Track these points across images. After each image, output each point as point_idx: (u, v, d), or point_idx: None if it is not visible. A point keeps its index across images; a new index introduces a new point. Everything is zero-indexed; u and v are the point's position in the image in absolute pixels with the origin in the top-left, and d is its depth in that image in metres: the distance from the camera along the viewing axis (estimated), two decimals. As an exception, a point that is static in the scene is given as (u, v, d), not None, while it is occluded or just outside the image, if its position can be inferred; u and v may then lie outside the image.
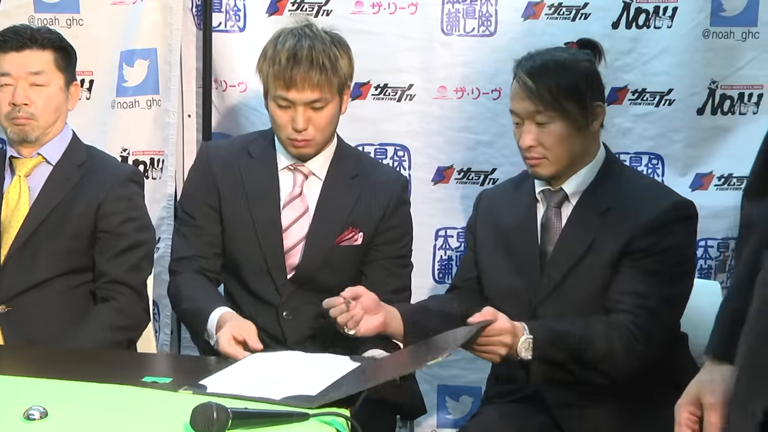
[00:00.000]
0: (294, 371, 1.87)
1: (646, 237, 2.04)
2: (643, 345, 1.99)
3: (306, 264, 2.32)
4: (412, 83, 2.93)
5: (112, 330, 2.28)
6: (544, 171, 2.12)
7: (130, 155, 3.01)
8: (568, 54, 2.14)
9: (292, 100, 2.23)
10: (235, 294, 2.39)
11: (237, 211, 2.34)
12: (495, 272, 2.21)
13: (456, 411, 3.02)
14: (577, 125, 2.09)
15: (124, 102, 2.99)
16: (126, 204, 2.39)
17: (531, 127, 2.10)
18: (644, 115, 2.87)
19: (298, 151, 2.31)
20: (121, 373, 1.86)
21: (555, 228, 2.15)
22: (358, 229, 2.34)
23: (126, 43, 2.98)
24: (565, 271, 2.10)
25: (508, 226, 2.21)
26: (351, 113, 2.84)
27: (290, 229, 2.33)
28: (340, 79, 2.26)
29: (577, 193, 2.15)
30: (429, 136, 2.95)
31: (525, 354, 1.93)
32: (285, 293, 2.31)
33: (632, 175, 2.24)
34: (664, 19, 2.82)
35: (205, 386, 1.76)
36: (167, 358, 2.51)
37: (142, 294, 2.38)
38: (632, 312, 2.01)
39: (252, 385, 1.77)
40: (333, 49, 2.25)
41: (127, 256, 2.36)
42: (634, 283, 2.03)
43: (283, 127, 2.27)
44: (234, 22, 2.99)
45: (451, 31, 2.91)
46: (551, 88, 2.06)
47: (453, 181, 2.94)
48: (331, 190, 2.34)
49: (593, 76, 2.13)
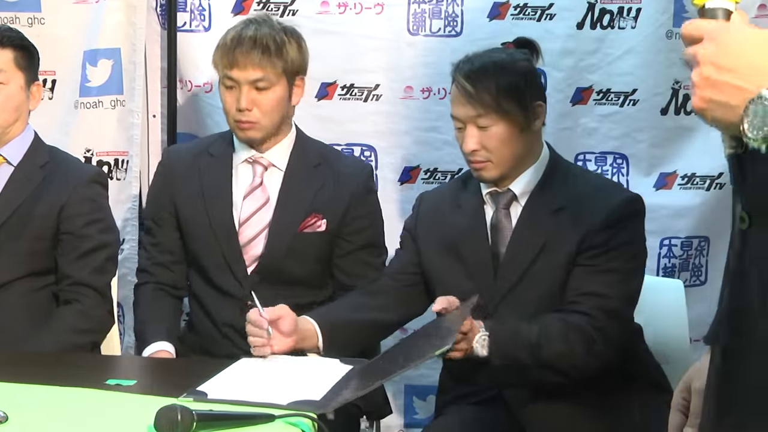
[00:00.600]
0: (291, 375, 1.87)
1: (600, 234, 2.05)
2: (601, 345, 2.00)
3: (269, 253, 2.34)
4: (379, 83, 2.94)
5: (76, 333, 2.27)
6: (489, 174, 2.11)
7: (93, 156, 2.99)
8: (506, 54, 2.14)
9: (236, 78, 2.28)
10: (199, 289, 2.41)
11: (194, 210, 2.38)
12: (445, 277, 2.18)
13: (423, 411, 3.02)
14: (519, 126, 2.08)
15: (87, 102, 2.97)
16: (89, 205, 2.37)
17: (473, 130, 2.08)
18: (609, 115, 2.90)
19: (244, 135, 2.33)
20: (84, 376, 1.85)
21: (506, 229, 2.14)
22: (321, 216, 2.35)
23: (89, 43, 2.95)
24: (520, 273, 2.09)
25: (456, 229, 2.18)
26: (317, 113, 2.88)
27: (250, 221, 2.36)
28: (286, 63, 2.30)
29: (525, 193, 2.14)
30: (396, 136, 2.96)
31: (481, 351, 1.93)
32: (248, 285, 2.32)
33: (580, 173, 2.25)
34: (628, 19, 2.86)
35: (206, 393, 1.74)
36: (132, 361, 2.48)
37: (106, 296, 2.36)
38: (589, 313, 2.01)
39: (254, 390, 1.75)
40: (281, 34, 2.31)
41: (91, 257, 2.34)
42: (591, 282, 2.04)
43: (230, 108, 2.32)
44: (199, 21, 2.98)
45: (417, 32, 2.92)
46: (491, 90, 2.05)
47: (420, 181, 2.95)
48: (292, 180, 2.37)
49: (532, 76, 2.13)
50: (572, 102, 2.91)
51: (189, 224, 2.39)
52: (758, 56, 1.01)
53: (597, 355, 2.00)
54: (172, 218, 2.42)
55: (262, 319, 1.98)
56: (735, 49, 1.02)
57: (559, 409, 2.04)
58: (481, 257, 2.14)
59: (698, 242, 2.94)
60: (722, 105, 1.02)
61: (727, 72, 1.02)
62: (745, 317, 1.16)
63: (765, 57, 1.01)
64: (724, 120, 1.03)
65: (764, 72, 1.00)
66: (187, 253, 2.42)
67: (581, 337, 1.99)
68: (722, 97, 1.02)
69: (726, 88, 1.02)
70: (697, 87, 1.04)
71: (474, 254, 2.15)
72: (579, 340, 1.99)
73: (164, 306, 2.40)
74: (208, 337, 2.39)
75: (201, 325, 2.41)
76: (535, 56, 2.18)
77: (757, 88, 1.00)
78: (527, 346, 1.97)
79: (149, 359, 2.23)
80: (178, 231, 2.42)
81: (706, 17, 1.09)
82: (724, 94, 1.02)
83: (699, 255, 2.95)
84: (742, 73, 1.01)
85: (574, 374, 2.00)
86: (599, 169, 2.93)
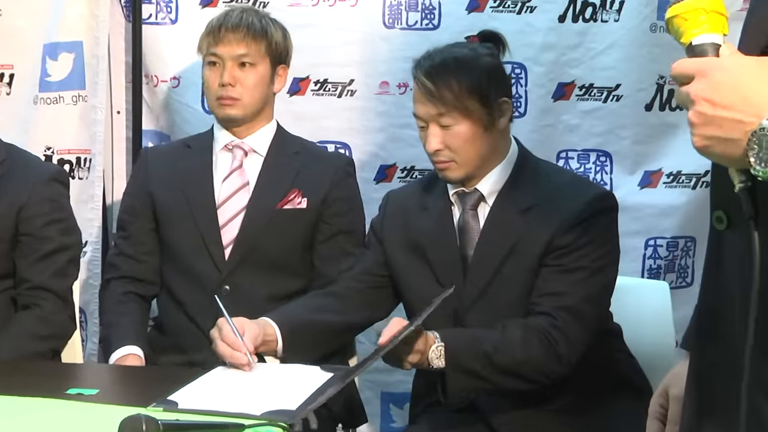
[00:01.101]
0: (268, 384, 1.83)
1: (567, 234, 2.02)
2: (563, 347, 1.96)
3: (246, 231, 2.35)
4: (353, 78, 2.92)
5: (35, 339, 2.22)
6: (454, 174, 2.08)
7: (54, 154, 2.97)
8: (468, 49, 2.10)
9: (220, 55, 2.36)
10: (171, 280, 2.42)
11: (172, 195, 2.42)
12: (413, 281, 2.14)
13: (400, 419, 3.00)
14: (482, 125, 2.05)
15: (47, 98, 2.95)
16: (50, 205, 2.33)
17: (436, 130, 2.05)
18: (592, 111, 2.90)
19: (224, 112, 2.38)
20: (43, 385, 1.81)
21: (473, 231, 2.10)
22: (302, 192, 2.38)
23: (49, 35, 2.92)
24: (489, 277, 2.06)
25: (423, 231, 2.15)
26: (290, 109, 2.85)
27: (228, 202, 2.39)
28: (270, 45, 2.38)
29: (492, 192, 2.11)
30: (371, 134, 2.94)
31: (437, 362, 1.89)
32: (225, 269, 2.34)
33: (551, 170, 2.20)
34: (611, 12, 2.86)
35: (176, 402, 1.70)
36: (94, 369, 2.45)
37: (67, 300, 2.32)
38: (550, 314, 1.98)
39: (228, 399, 1.71)
40: (266, 19, 2.41)
41: (52, 260, 2.30)
42: (555, 282, 2.01)
43: (211, 85, 2.38)
44: (165, 14, 2.96)
45: (393, 25, 2.91)
46: (452, 88, 2.01)
47: (396, 180, 2.93)
48: (272, 164, 2.42)
49: (496, 71, 2.08)
50: (554, 98, 2.90)
51: (167, 209, 2.42)
52: (752, 88, 1.03)
53: (560, 358, 1.96)
54: (146, 209, 2.44)
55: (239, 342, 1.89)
56: (728, 84, 1.03)
57: (532, 416, 2.02)
58: (449, 261, 2.11)
59: (684, 242, 2.95)
60: (723, 140, 1.04)
61: (723, 108, 1.03)
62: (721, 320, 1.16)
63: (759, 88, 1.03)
64: (728, 155, 1.05)
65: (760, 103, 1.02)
66: (162, 244, 2.43)
67: (540, 340, 1.96)
68: (722, 133, 1.03)
69: (724, 122, 1.03)
70: (695, 126, 1.05)
71: (441, 257, 2.12)
72: (538, 344, 1.95)
73: (132, 310, 2.40)
74: (179, 329, 2.38)
75: (171, 319, 2.41)
76: (501, 49, 2.14)
77: (757, 118, 1.01)
78: (483, 356, 1.93)
79: (113, 367, 2.20)
80: (152, 222, 2.44)
81: (696, 54, 1.09)
82: (723, 130, 1.03)
83: (685, 256, 2.95)
84: (739, 107, 1.02)
85: (539, 379, 1.97)
86: (582, 167, 2.93)
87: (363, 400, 2.49)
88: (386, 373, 2.90)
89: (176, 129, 2.95)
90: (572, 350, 1.97)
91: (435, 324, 1.94)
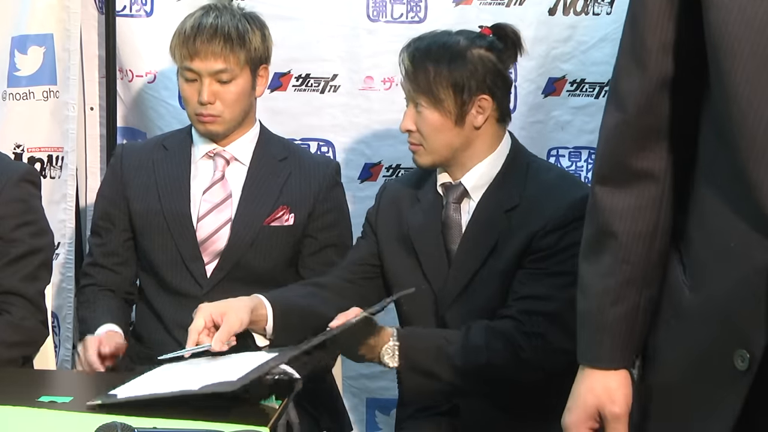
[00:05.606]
0: (209, 368, 1.87)
1: (550, 235, 2.04)
2: (529, 352, 1.98)
3: (231, 247, 2.35)
4: (337, 73, 2.93)
5: (5, 346, 2.22)
6: (422, 159, 2.15)
7: (24, 152, 2.96)
8: (463, 38, 2.12)
9: (197, 70, 2.31)
10: (149, 290, 2.42)
11: (147, 204, 2.40)
12: (403, 276, 2.18)
13: (386, 425, 3.02)
14: (452, 117, 2.09)
15: (16, 93, 2.93)
16: (20, 206, 2.33)
17: (411, 110, 2.13)
18: (583, 107, 2.91)
19: (205, 128, 2.36)
20: (14, 393, 1.82)
21: (455, 226, 2.14)
22: (289, 209, 2.37)
23: (18, 28, 2.90)
24: (470, 275, 2.09)
25: (411, 225, 2.19)
26: (270, 106, 2.86)
27: (209, 216, 2.38)
28: (249, 53, 2.33)
29: (477, 188, 2.14)
30: (355, 131, 2.95)
31: (388, 361, 1.94)
32: (207, 285, 2.34)
33: (541, 168, 2.21)
34: (603, 5, 2.87)
35: (115, 394, 1.74)
36: (67, 376, 2.47)
37: (38, 305, 2.32)
38: (517, 318, 2.00)
39: (167, 384, 1.76)
40: (242, 21, 2.34)
41: (22, 264, 2.30)
42: (532, 286, 2.03)
43: (190, 100, 2.35)
44: (140, 6, 2.96)
45: (377, 18, 2.92)
46: (428, 74, 2.07)
47: (381, 179, 2.94)
48: (257, 174, 2.40)
49: (485, 67, 2.09)
50: (544, 93, 2.92)
51: (141, 218, 2.41)
52: None
53: (526, 363, 1.98)
54: (121, 215, 2.43)
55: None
56: None
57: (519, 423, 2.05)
58: (434, 255, 2.15)
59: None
60: None
61: None
62: None
63: None
64: None
65: None
66: (138, 252, 2.43)
67: (505, 345, 1.98)
68: None
69: None
70: None
71: (427, 251, 2.16)
72: (502, 349, 1.98)
73: (110, 304, 2.39)
74: (157, 342, 2.37)
75: (149, 331, 2.42)
76: (512, 48, 2.16)
77: None
78: (443, 357, 1.96)
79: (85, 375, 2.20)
80: (128, 231, 2.43)
81: None
82: None
83: (679, 257, 2.95)
84: None
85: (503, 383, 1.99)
86: (573, 166, 2.94)
87: (348, 407, 2.52)
88: (372, 379, 2.93)
89: (152, 125, 2.95)
90: (546, 356, 1.98)
91: (417, 320, 1.98)
